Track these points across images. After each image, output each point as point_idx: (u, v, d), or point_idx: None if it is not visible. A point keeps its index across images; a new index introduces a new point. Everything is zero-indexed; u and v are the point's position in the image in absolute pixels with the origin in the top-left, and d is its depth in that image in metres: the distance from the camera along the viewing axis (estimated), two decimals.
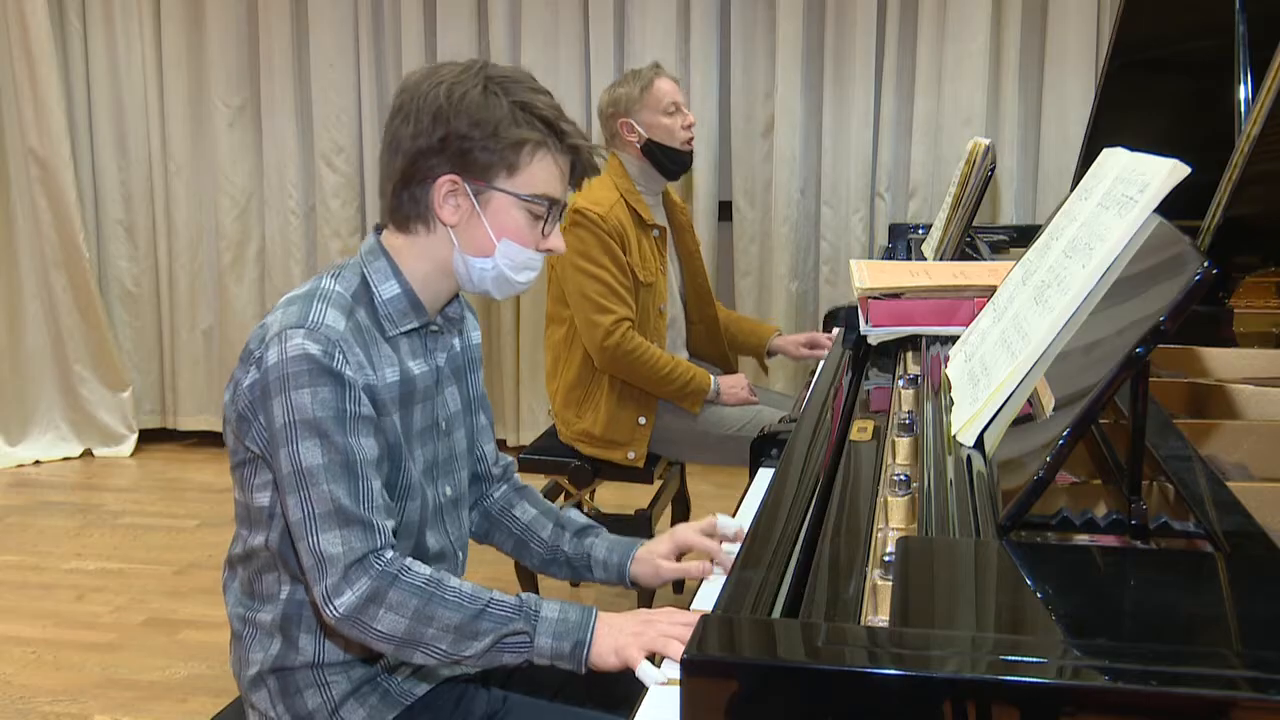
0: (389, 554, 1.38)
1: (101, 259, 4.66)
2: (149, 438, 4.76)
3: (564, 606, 1.40)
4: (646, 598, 2.85)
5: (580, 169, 1.51)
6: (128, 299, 4.70)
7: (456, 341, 1.62)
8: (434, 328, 1.55)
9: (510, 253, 1.49)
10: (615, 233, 2.82)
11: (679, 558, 1.65)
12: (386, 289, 1.49)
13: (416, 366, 1.51)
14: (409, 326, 1.50)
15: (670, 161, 2.96)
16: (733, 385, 2.97)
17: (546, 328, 3.04)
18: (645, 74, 2.96)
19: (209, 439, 4.77)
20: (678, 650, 1.30)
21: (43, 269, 4.54)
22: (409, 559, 1.40)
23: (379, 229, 1.54)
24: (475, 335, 1.68)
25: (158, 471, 4.53)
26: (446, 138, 1.43)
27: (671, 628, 1.35)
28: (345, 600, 1.35)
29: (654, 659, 1.32)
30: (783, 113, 4.08)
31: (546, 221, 1.50)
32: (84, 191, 4.55)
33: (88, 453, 4.67)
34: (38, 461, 4.58)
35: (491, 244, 1.48)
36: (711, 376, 2.95)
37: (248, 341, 1.47)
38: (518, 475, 1.79)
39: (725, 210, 4.26)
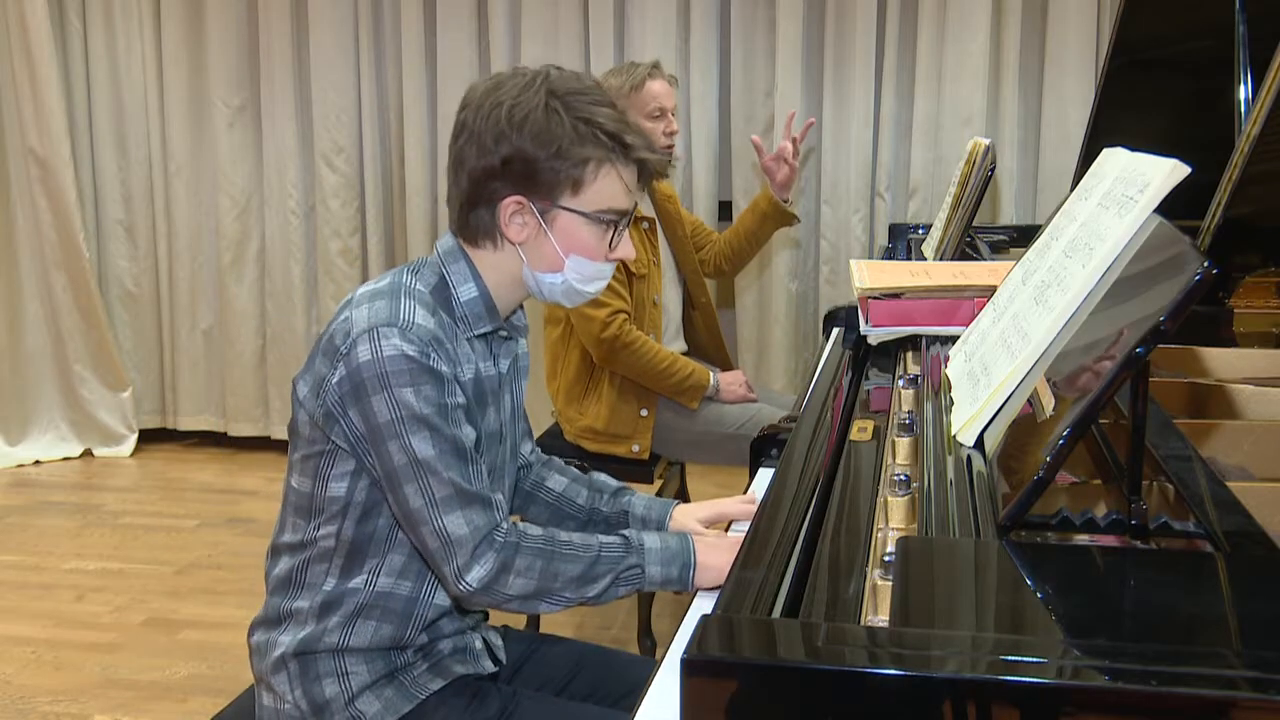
0: (505, 525, 1.46)
1: (101, 259, 4.66)
2: (149, 438, 4.76)
3: (664, 537, 1.51)
4: (646, 597, 2.86)
5: (648, 176, 1.53)
6: (128, 299, 4.70)
7: (519, 347, 1.65)
8: (504, 333, 1.57)
9: (579, 267, 1.51)
10: None
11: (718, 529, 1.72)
12: (465, 291, 1.51)
13: (487, 369, 1.54)
14: (483, 330, 1.52)
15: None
16: (731, 382, 2.98)
17: (544, 328, 3.04)
18: (639, 72, 2.94)
19: (209, 439, 4.77)
20: None
21: (43, 269, 4.54)
22: (524, 524, 1.49)
23: (455, 232, 1.55)
24: (523, 344, 1.70)
25: (158, 471, 4.53)
26: (510, 159, 1.44)
27: None
28: (477, 574, 1.42)
29: None
30: (783, 113, 4.07)
31: (615, 233, 1.52)
32: (84, 191, 4.55)
33: (88, 453, 4.67)
34: (38, 461, 4.58)
35: (560, 260, 1.50)
36: (710, 372, 2.94)
37: (330, 335, 1.47)
38: (540, 450, 1.84)
39: (725, 210, 4.26)
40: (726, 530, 1.69)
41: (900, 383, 1.77)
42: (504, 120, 1.43)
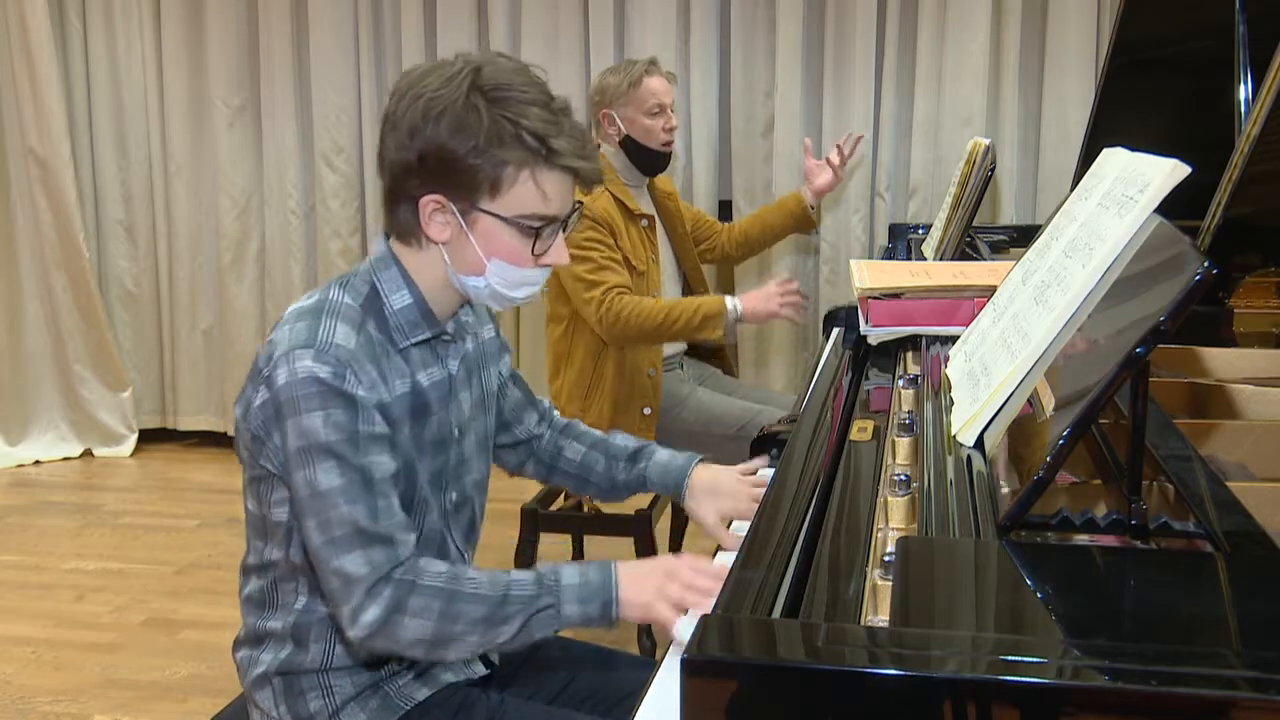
0: (408, 562, 1.37)
1: (101, 259, 4.66)
2: (149, 438, 4.76)
3: (583, 570, 1.39)
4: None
5: (586, 182, 1.44)
6: (128, 299, 4.70)
7: (470, 344, 1.60)
8: (446, 337, 1.51)
9: (502, 272, 1.43)
10: (602, 220, 2.81)
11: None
12: (398, 299, 1.45)
13: (428, 377, 1.48)
14: (420, 337, 1.46)
15: (646, 160, 2.96)
16: (757, 297, 2.81)
17: (546, 326, 3.04)
18: (637, 69, 2.95)
19: (209, 439, 4.77)
20: (705, 605, 1.30)
21: (43, 269, 4.54)
22: (424, 560, 1.39)
23: (388, 233, 1.49)
24: (487, 330, 1.66)
25: (158, 471, 4.53)
26: (425, 155, 1.36)
27: (696, 577, 1.35)
28: (370, 616, 1.33)
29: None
30: (783, 113, 4.08)
31: (538, 239, 1.42)
32: (84, 191, 4.55)
33: (88, 453, 4.67)
34: (38, 461, 4.58)
35: (482, 263, 1.42)
36: (725, 298, 2.83)
37: (256, 358, 1.41)
38: (557, 414, 1.81)
39: (725, 210, 4.25)
40: (728, 527, 1.68)
41: (900, 383, 1.77)
42: (420, 113, 1.35)
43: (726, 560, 1.51)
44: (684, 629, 1.29)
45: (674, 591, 1.34)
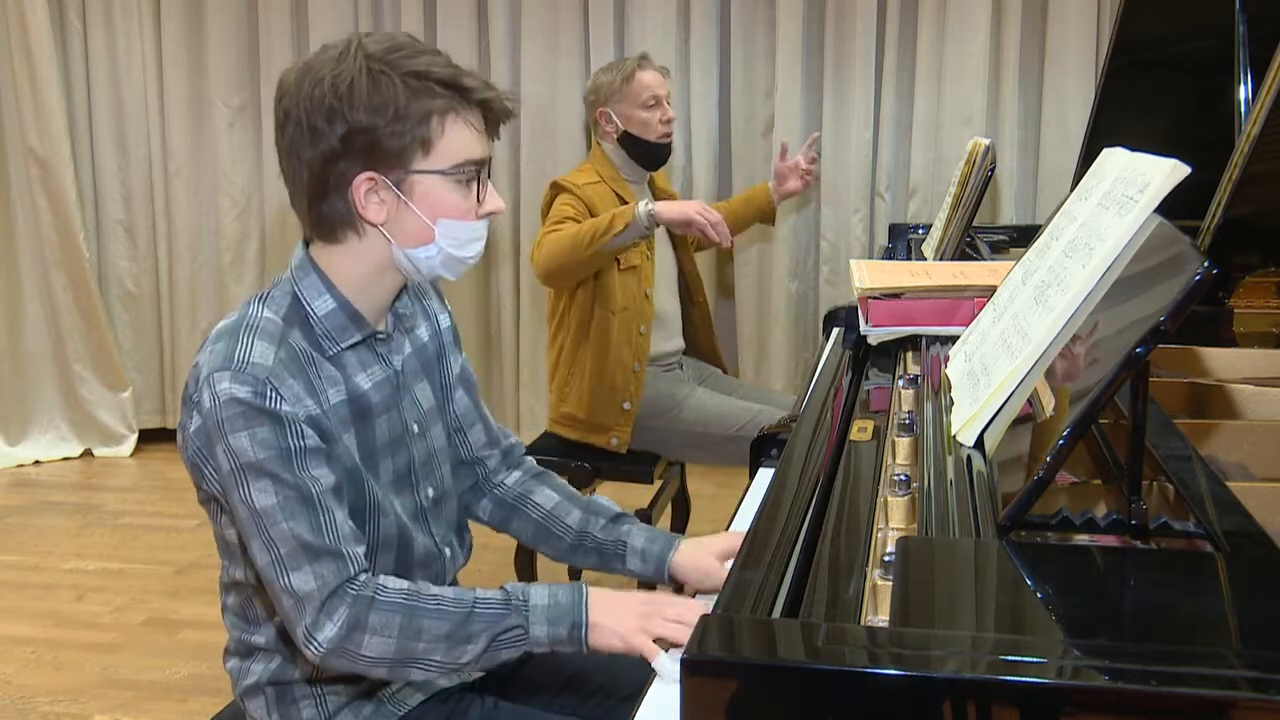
0: (362, 578, 1.34)
1: (101, 259, 4.65)
2: (149, 438, 4.75)
3: (552, 590, 1.36)
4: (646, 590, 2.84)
5: (495, 120, 1.41)
6: (128, 299, 4.70)
7: (423, 332, 1.56)
8: (380, 335, 1.47)
9: (451, 231, 1.40)
10: (587, 199, 2.81)
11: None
12: (320, 305, 1.40)
13: (368, 379, 1.44)
14: (351, 341, 1.42)
15: (646, 154, 2.96)
16: (674, 204, 2.75)
17: (546, 324, 3.05)
18: (628, 64, 2.95)
19: None
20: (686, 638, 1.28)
21: (43, 269, 4.54)
22: (383, 577, 1.36)
23: (307, 241, 1.45)
24: (444, 319, 1.62)
25: (158, 471, 4.53)
26: (348, 135, 1.33)
27: (678, 612, 1.33)
28: (326, 634, 1.30)
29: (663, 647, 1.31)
30: (783, 113, 4.08)
31: (479, 185, 1.40)
32: (84, 191, 4.55)
33: (88, 453, 4.67)
34: (38, 461, 4.58)
35: (429, 230, 1.38)
36: (638, 202, 2.73)
37: (186, 383, 1.38)
38: (532, 459, 1.72)
39: None
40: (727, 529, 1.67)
41: (900, 383, 1.77)
42: (329, 96, 1.32)
43: (708, 602, 1.45)
44: (665, 664, 1.26)
45: (656, 626, 1.31)
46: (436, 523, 1.56)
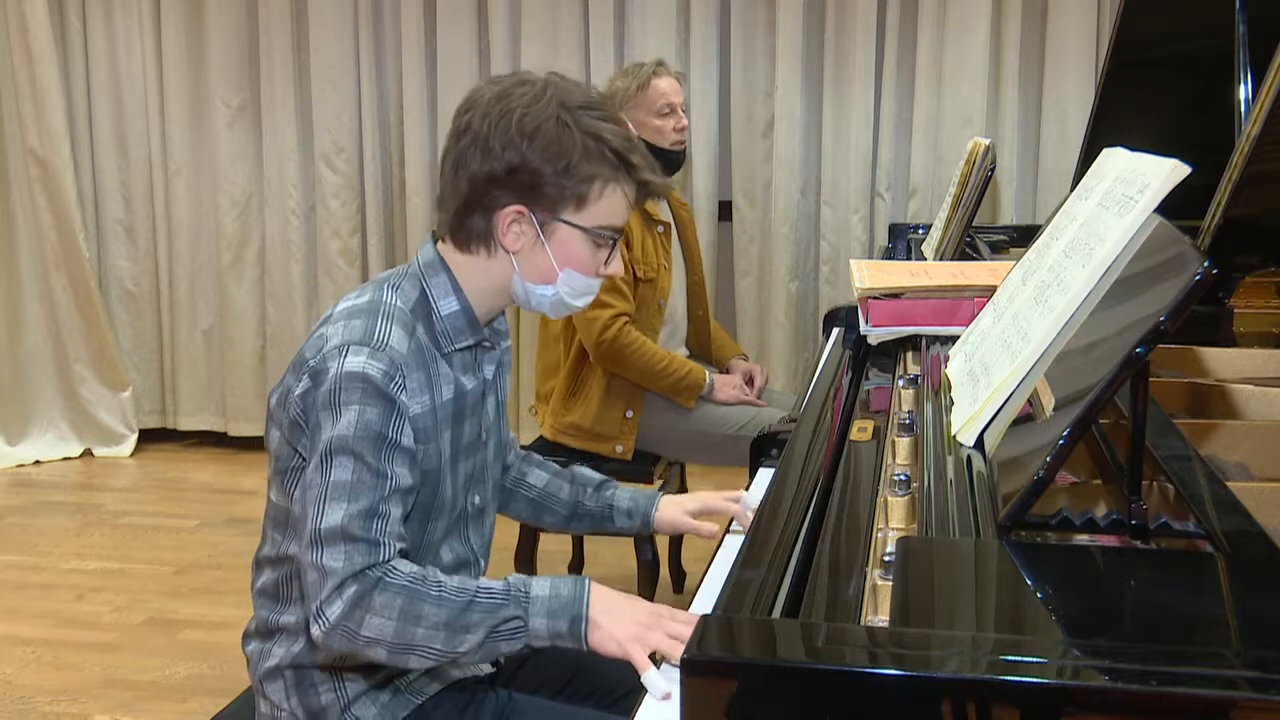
0: (384, 564, 1.35)
1: (101, 259, 4.66)
2: (149, 438, 4.76)
3: (555, 582, 1.36)
4: (648, 587, 2.85)
5: (644, 196, 1.51)
6: (128, 299, 4.70)
7: (500, 355, 1.63)
8: (486, 344, 1.54)
9: (572, 281, 1.49)
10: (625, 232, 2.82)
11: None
12: (446, 305, 1.48)
13: (469, 381, 1.51)
14: (465, 344, 1.50)
15: (659, 162, 2.96)
16: (725, 384, 2.98)
17: (546, 322, 3.04)
18: (644, 71, 2.95)
19: (209, 439, 4.76)
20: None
21: (43, 269, 4.54)
22: (396, 560, 1.37)
23: (435, 237, 1.52)
24: (506, 341, 1.68)
25: (158, 471, 4.53)
26: (517, 169, 1.41)
27: (679, 629, 1.32)
28: (332, 610, 1.32)
29: (654, 659, 1.30)
30: (783, 113, 4.08)
31: (612, 250, 1.50)
32: (84, 191, 4.55)
33: (88, 453, 4.67)
34: (38, 461, 4.58)
35: (554, 272, 1.48)
36: (706, 371, 2.95)
37: (303, 349, 1.44)
38: (518, 446, 1.82)
39: (725, 210, 4.26)
40: (726, 531, 1.68)
41: (900, 383, 1.77)
42: (514, 128, 1.40)
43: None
44: (653, 679, 1.25)
45: (655, 638, 1.31)
46: (475, 530, 1.59)
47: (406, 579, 1.34)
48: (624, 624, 1.32)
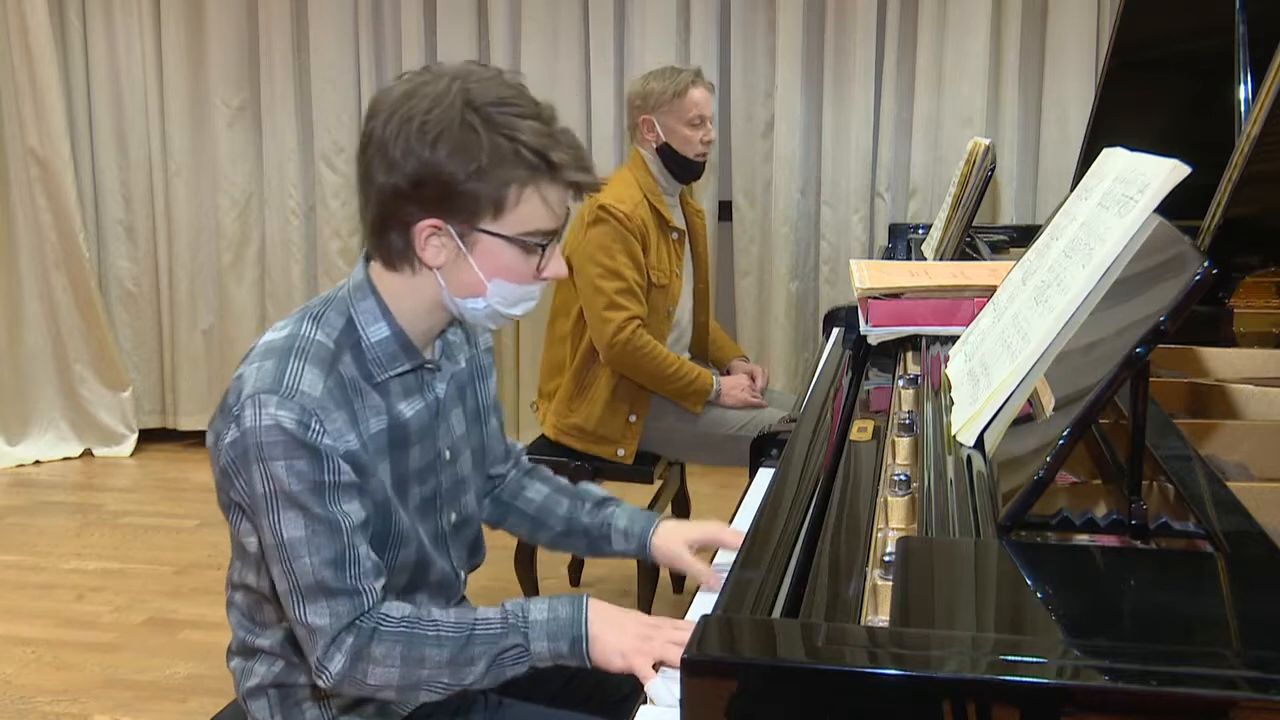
0: (374, 611, 1.34)
1: (101, 259, 4.65)
2: (149, 438, 4.75)
3: (552, 604, 1.35)
4: (646, 602, 2.85)
5: (577, 195, 1.38)
6: (128, 299, 4.69)
7: (462, 358, 1.56)
8: (429, 365, 1.45)
9: (503, 291, 1.38)
10: (638, 232, 2.82)
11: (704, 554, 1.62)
12: (375, 331, 1.39)
13: (410, 407, 1.43)
14: (400, 370, 1.41)
15: (681, 169, 2.96)
16: (733, 386, 2.98)
17: (554, 321, 3.04)
18: (683, 79, 2.93)
19: None
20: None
21: (43, 269, 4.54)
22: (387, 604, 1.36)
23: (368, 257, 1.42)
24: (484, 340, 1.62)
25: (158, 471, 4.53)
26: (423, 181, 1.29)
27: (681, 636, 1.31)
28: (335, 666, 1.32)
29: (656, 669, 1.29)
30: (783, 113, 4.08)
31: (544, 254, 1.37)
32: (84, 191, 4.55)
33: (88, 453, 4.67)
34: (38, 461, 4.58)
35: (483, 285, 1.36)
36: (714, 376, 2.96)
37: (226, 393, 1.36)
38: (525, 458, 1.74)
39: (725, 210, 4.26)
40: (711, 560, 1.63)
41: (900, 383, 1.77)
42: (415, 135, 1.28)
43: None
44: (659, 689, 1.25)
45: (656, 648, 1.30)
46: (456, 547, 1.56)
47: (401, 625, 1.33)
48: (624, 637, 1.32)
